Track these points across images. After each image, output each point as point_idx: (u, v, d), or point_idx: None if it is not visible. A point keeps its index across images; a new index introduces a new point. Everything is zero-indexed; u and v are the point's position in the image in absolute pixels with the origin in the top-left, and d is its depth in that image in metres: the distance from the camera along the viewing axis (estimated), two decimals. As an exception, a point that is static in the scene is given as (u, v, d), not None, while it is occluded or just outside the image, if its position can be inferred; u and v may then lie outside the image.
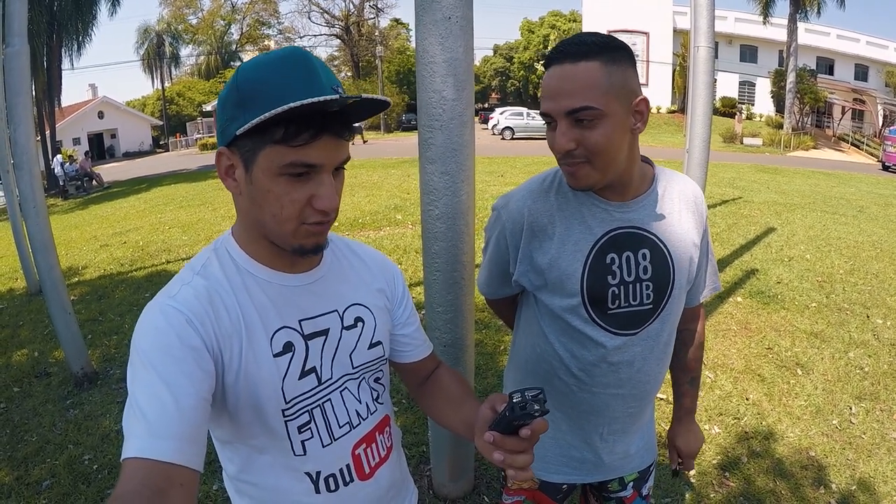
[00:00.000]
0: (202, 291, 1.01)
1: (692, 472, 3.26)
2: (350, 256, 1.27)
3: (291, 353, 1.07)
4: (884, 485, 3.18)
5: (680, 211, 1.48)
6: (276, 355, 1.05)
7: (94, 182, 21.96)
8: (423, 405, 1.41)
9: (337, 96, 0.90)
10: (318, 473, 1.13)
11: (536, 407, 0.89)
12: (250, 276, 1.07)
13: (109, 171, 24.20)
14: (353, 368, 1.18)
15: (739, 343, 5.07)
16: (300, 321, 1.09)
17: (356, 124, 1.08)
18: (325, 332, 1.12)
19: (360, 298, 1.21)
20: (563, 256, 1.41)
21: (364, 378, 1.21)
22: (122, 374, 4.75)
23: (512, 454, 0.93)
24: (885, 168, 23.81)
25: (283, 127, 0.91)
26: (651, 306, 1.45)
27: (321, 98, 0.88)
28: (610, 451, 1.61)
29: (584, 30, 44.41)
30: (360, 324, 1.19)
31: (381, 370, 1.26)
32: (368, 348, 1.20)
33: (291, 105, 0.86)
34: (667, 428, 1.88)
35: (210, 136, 41.08)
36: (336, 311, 1.16)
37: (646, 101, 1.29)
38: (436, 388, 1.37)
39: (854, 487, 3.15)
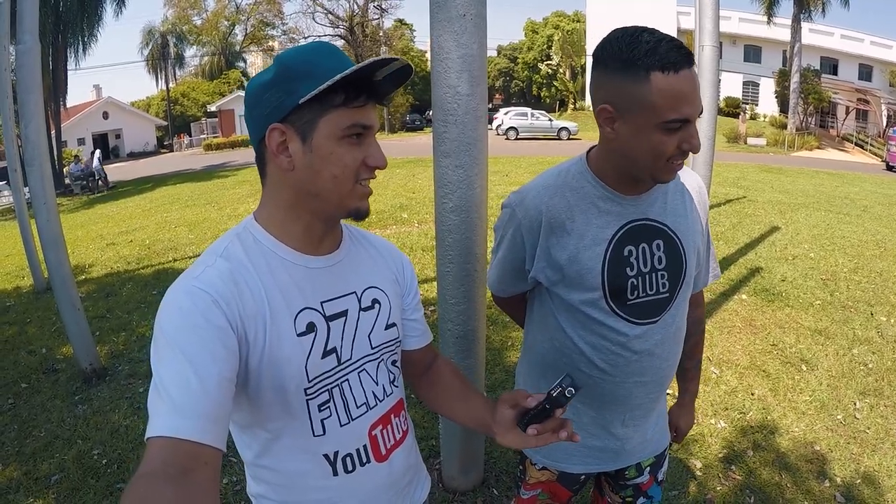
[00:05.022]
0: (226, 273, 1.03)
1: (699, 465, 3.29)
2: (364, 243, 1.30)
3: (314, 334, 1.10)
4: (888, 479, 3.19)
5: (687, 202, 1.53)
6: (299, 335, 1.07)
7: (99, 182, 22.02)
8: (424, 396, 1.46)
9: (388, 59, 1.02)
10: (336, 454, 1.15)
11: (572, 389, 1.03)
12: (274, 258, 1.10)
13: (114, 172, 24.24)
14: (373, 349, 1.21)
15: (745, 340, 5.09)
16: (322, 302, 1.12)
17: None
18: (344, 314, 1.16)
19: (376, 282, 1.25)
20: (582, 251, 1.43)
21: (382, 359, 1.24)
22: (130, 370, 4.80)
23: (552, 434, 1.09)
24: (889, 168, 23.77)
25: (343, 93, 1.01)
26: (667, 294, 1.49)
27: (382, 58, 1.01)
28: (630, 438, 1.63)
29: (589, 30, 44.32)
30: (376, 305, 1.22)
31: (396, 353, 1.30)
32: (385, 329, 1.24)
33: (363, 64, 0.99)
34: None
35: (214, 137, 41.23)
36: (354, 292, 1.19)
37: None
38: (437, 380, 1.42)
39: (858, 481, 3.17)
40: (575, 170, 1.48)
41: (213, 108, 43.86)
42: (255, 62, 55.13)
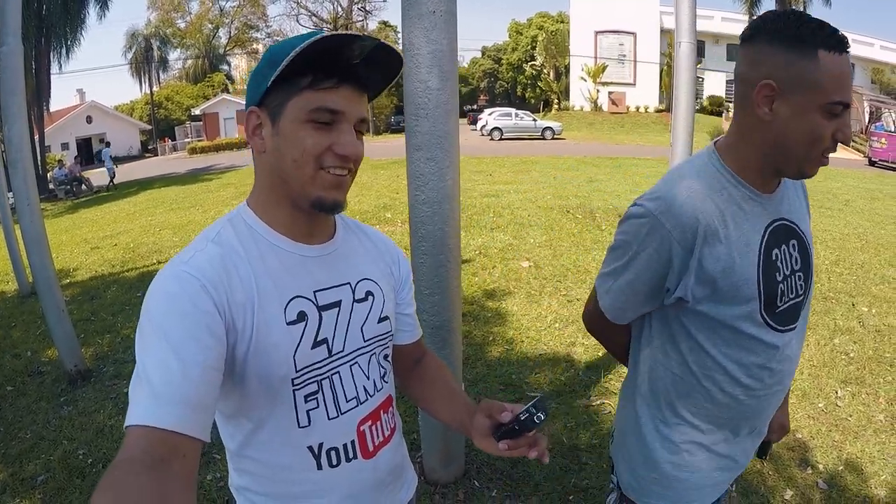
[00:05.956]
0: (216, 258, 1.01)
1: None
2: (359, 234, 1.29)
3: (305, 323, 1.07)
4: (871, 465, 3.24)
5: (801, 198, 1.49)
6: (289, 324, 1.05)
7: (83, 186, 21.94)
8: (410, 391, 1.44)
9: (357, 35, 0.98)
10: (321, 446, 1.12)
11: (542, 416, 1.03)
12: (266, 244, 1.08)
13: (98, 176, 24.09)
14: (365, 342, 1.18)
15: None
16: (315, 292, 1.10)
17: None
18: (337, 304, 1.14)
19: (371, 273, 1.23)
20: (737, 260, 1.29)
21: (374, 353, 1.21)
22: (115, 371, 4.79)
23: (524, 449, 1.07)
24: (872, 163, 23.98)
25: (311, 74, 0.99)
26: (802, 296, 1.41)
27: (345, 33, 0.96)
28: (748, 450, 1.54)
29: (572, 30, 44.35)
30: (370, 297, 1.20)
31: (388, 347, 1.27)
32: (378, 322, 1.21)
33: (316, 37, 0.95)
34: None
35: (198, 140, 41.02)
36: (349, 283, 1.17)
37: None
38: (424, 376, 1.41)
39: (841, 468, 3.22)
40: (711, 168, 1.34)
41: (197, 111, 43.65)
42: (240, 65, 55.05)
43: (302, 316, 1.07)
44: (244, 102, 1.11)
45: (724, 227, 1.28)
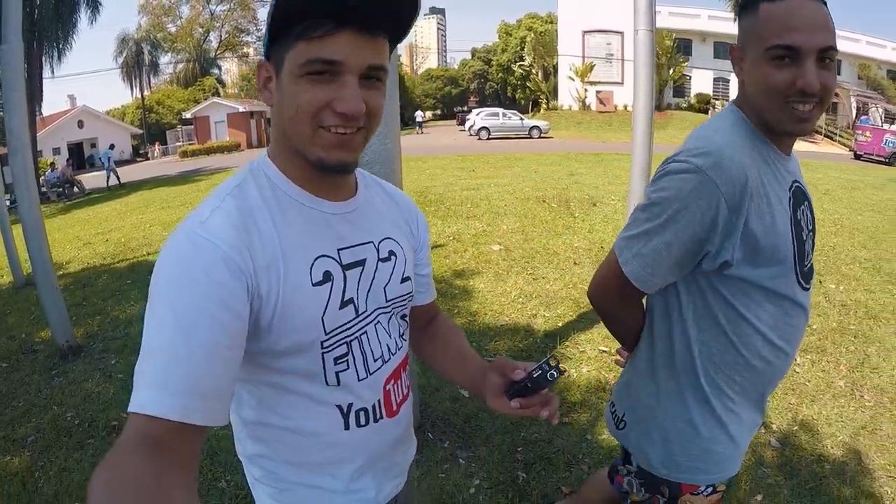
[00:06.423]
0: (236, 216, 0.93)
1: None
2: (381, 192, 1.23)
3: (331, 283, 1.02)
4: (827, 426, 3.37)
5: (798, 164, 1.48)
6: (315, 285, 1.00)
7: (75, 188, 22.03)
8: (421, 352, 1.42)
9: None
10: (350, 406, 1.09)
11: (555, 374, 1.04)
12: (288, 199, 1.01)
13: (90, 180, 24.18)
14: (387, 302, 1.15)
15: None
16: (338, 250, 1.05)
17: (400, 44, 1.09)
18: (362, 263, 1.09)
19: (393, 233, 1.18)
20: (777, 218, 1.26)
21: (395, 313, 1.18)
22: (104, 347, 5.07)
23: (536, 408, 1.08)
24: (857, 157, 24.27)
25: (302, 21, 0.89)
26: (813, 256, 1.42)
27: None
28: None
29: (560, 30, 44.30)
30: (393, 257, 1.16)
31: (407, 307, 1.24)
32: (400, 283, 1.17)
33: None
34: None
35: (190, 144, 41.03)
36: (372, 242, 1.12)
37: None
38: (437, 337, 1.40)
39: (795, 428, 3.35)
40: (744, 124, 1.30)
41: (188, 115, 43.62)
42: (231, 69, 55.16)
43: (328, 276, 1.02)
44: (235, 106, 1.09)
45: (763, 185, 1.24)
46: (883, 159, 23.71)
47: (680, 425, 1.41)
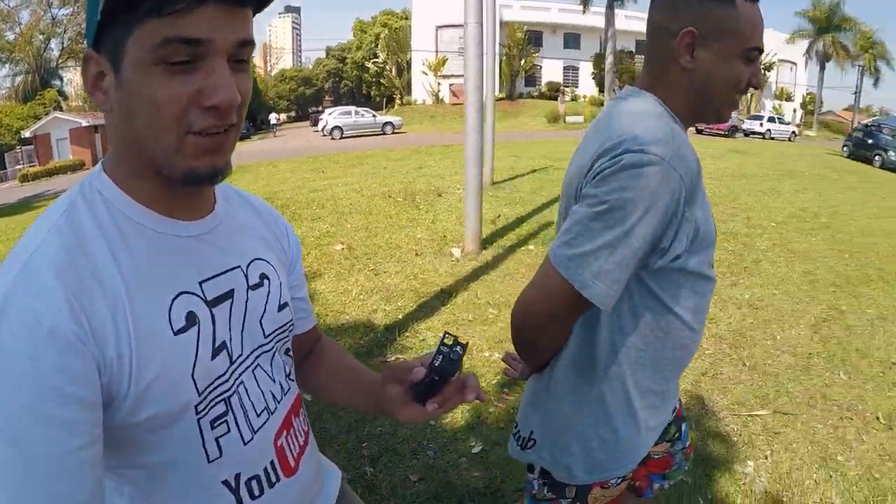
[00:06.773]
0: (62, 260, 0.71)
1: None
2: (239, 201, 1.02)
3: (197, 327, 0.81)
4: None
5: None
6: (177, 332, 0.78)
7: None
8: (307, 384, 1.21)
9: None
10: (238, 477, 0.88)
11: (459, 351, 0.91)
12: (132, 225, 0.79)
13: None
14: (266, 338, 0.95)
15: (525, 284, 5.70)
16: (200, 283, 0.84)
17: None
18: (230, 295, 0.88)
19: (262, 252, 0.98)
20: (705, 201, 1.25)
21: (276, 350, 0.99)
22: None
23: (457, 397, 0.96)
24: (699, 132, 28.16)
25: None
26: None
27: None
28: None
29: (414, 26, 44.83)
30: (265, 281, 0.96)
31: (289, 339, 1.05)
32: (278, 311, 0.98)
33: None
34: None
35: (31, 166, 37.99)
36: (239, 266, 0.92)
37: None
38: (323, 364, 1.23)
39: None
40: (663, 108, 1.24)
41: (27, 133, 40.28)
42: (74, 79, 51.27)
43: (192, 318, 0.81)
44: (77, 120, 0.81)
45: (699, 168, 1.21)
46: (723, 133, 26.94)
47: (602, 431, 1.31)
